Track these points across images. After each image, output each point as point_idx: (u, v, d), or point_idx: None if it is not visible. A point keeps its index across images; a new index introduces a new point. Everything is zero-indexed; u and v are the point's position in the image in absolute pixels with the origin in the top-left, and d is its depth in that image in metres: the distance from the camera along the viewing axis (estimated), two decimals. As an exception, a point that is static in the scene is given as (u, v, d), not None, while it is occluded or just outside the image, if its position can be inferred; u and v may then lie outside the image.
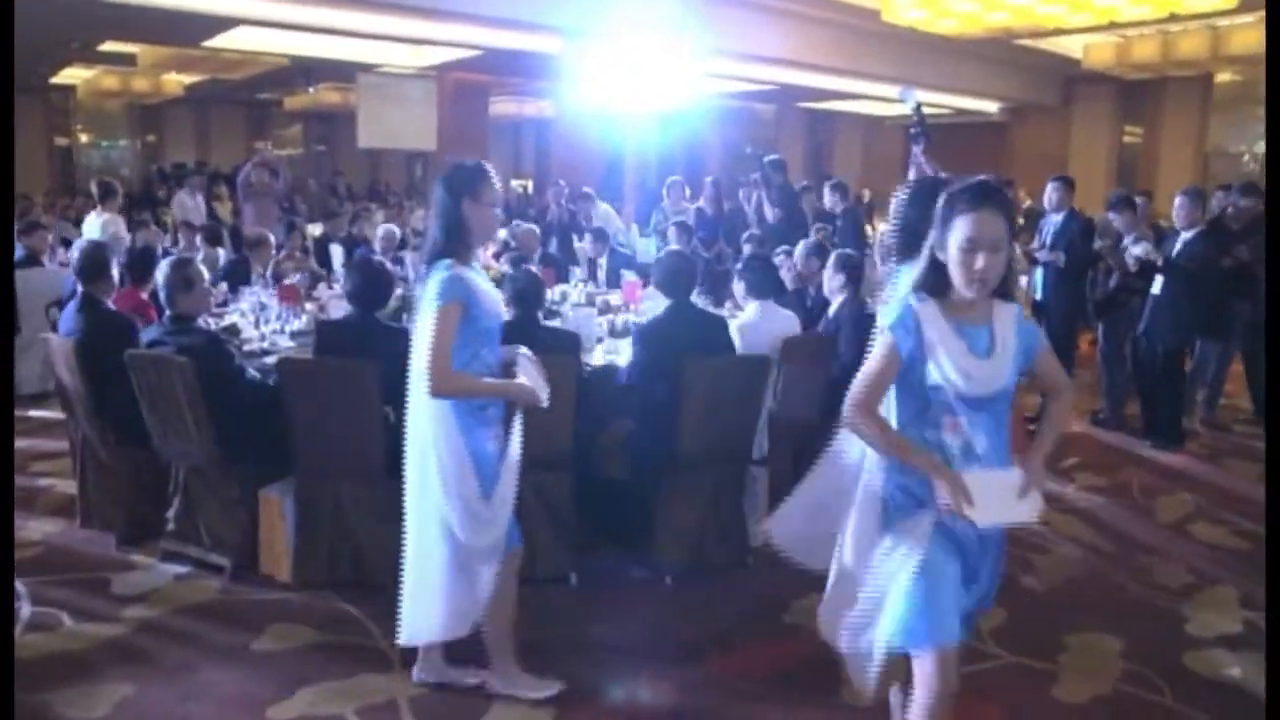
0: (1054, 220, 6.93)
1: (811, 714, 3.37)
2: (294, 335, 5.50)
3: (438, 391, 2.93)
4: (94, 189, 9.37)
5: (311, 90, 20.15)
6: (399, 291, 5.67)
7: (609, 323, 5.86)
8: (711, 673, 3.62)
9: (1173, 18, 12.68)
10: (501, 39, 12.50)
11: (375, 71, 16.84)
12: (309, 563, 4.21)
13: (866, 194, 20.52)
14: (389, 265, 6.22)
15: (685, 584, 4.30)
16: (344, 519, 4.18)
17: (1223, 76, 18.42)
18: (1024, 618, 4.06)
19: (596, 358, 5.06)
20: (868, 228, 13.75)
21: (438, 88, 17.07)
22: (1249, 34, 13.84)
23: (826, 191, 8.68)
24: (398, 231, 8.56)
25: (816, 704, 3.40)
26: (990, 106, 19.73)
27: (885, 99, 17.88)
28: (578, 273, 7.73)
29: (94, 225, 8.83)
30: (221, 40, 13.37)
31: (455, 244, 3.04)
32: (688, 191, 10.13)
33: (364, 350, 4.08)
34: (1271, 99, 2.94)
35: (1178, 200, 6.65)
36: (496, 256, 7.91)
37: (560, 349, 4.38)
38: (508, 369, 3.20)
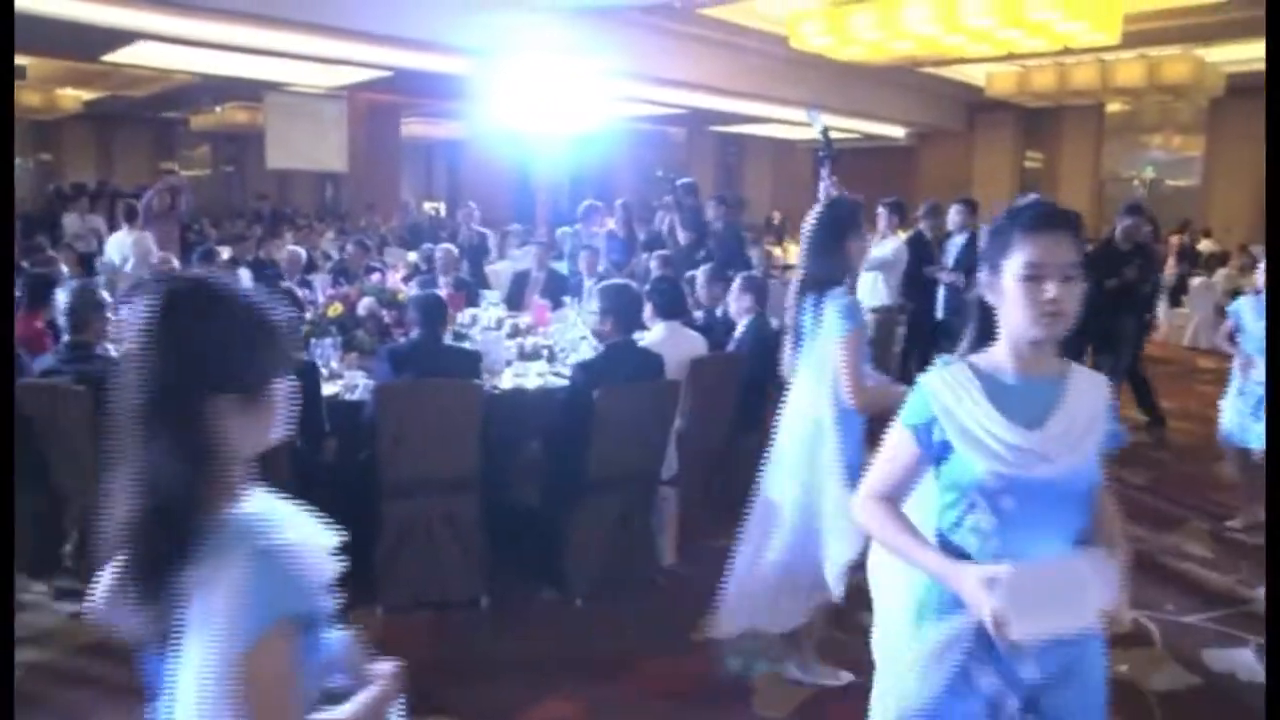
0: (957, 242, 7.15)
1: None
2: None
3: (863, 408, 3.24)
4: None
5: (219, 109, 19.77)
6: (308, 316, 5.60)
7: (519, 345, 5.86)
8: (622, 691, 3.64)
9: (1066, 51, 13.22)
10: (412, 59, 12.44)
11: (284, 90, 16.61)
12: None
13: (777, 216, 20.85)
14: (296, 290, 6.16)
15: (596, 604, 4.32)
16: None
17: (1113, 107, 19.24)
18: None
19: (505, 381, 5.06)
20: (778, 249, 13.99)
21: (349, 108, 16.92)
22: (1133, 68, 14.56)
23: (710, 204, 8.74)
24: (304, 253, 8.42)
25: (727, 719, 3.45)
26: (897, 131, 20.23)
27: (795, 123, 18.23)
28: (489, 296, 7.69)
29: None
30: (122, 55, 13.02)
31: (843, 273, 3.38)
32: (608, 222, 10.16)
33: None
34: (1271, 101, 3.05)
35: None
36: (406, 280, 7.85)
37: (462, 367, 4.39)
38: None
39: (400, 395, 4.15)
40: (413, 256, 9.98)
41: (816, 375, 3.35)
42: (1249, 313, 5.22)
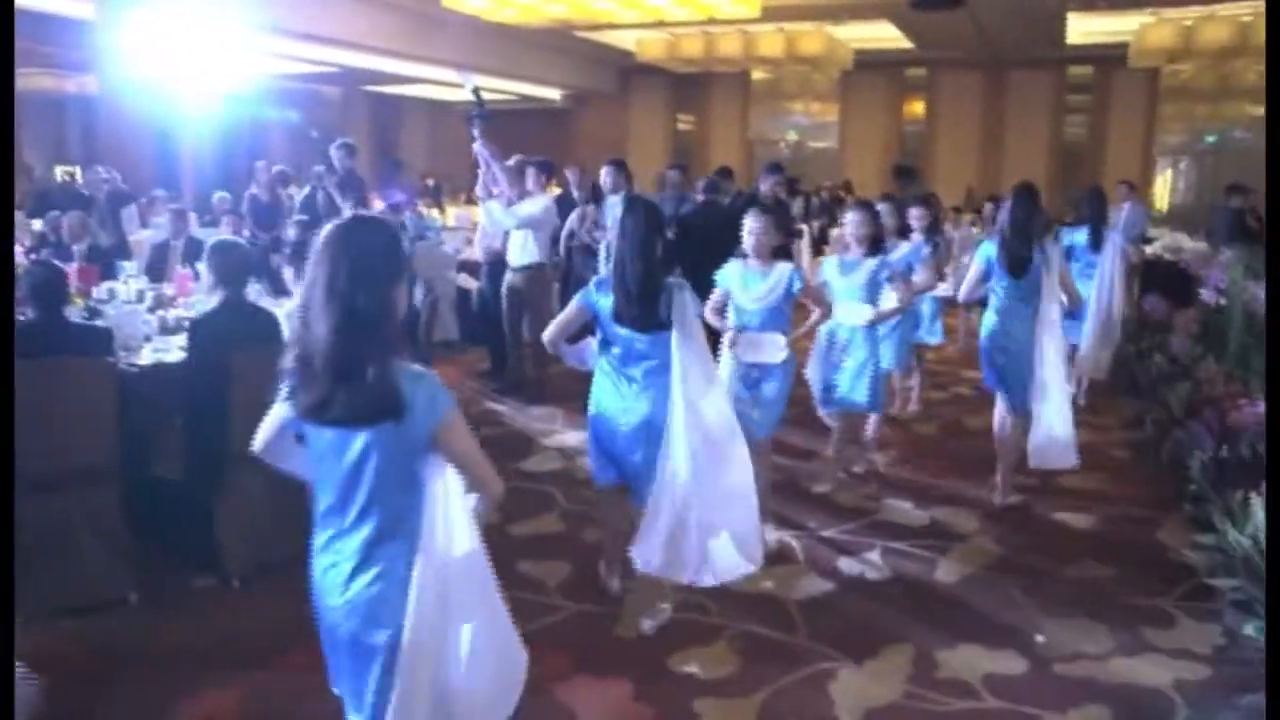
0: (612, 201, 7.39)
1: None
2: None
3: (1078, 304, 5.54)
4: None
5: None
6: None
7: (160, 319, 5.47)
8: (282, 672, 3.51)
9: (712, 21, 13.98)
10: (21, -3, 11.08)
11: None
12: None
13: (431, 180, 20.61)
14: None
15: (253, 584, 4.16)
16: None
17: (758, 74, 20.60)
18: (587, 569, 4.32)
19: (144, 357, 4.72)
20: (434, 212, 13.86)
21: (-57, 55, 14.84)
22: (773, 40, 15.67)
23: (335, 153, 8.47)
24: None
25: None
26: (554, 94, 20.54)
27: (452, 84, 18.07)
28: (128, 267, 7.08)
29: None
30: None
31: (1050, 226, 5.45)
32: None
33: None
34: (1271, 99, 3.25)
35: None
36: (31, 252, 7.09)
37: (89, 346, 4.05)
38: None
39: (18, 382, 3.75)
40: (38, 225, 9.01)
41: (1053, 291, 4.99)
42: (735, 281, 4.56)
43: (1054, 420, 4.99)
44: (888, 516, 5.15)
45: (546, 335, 3.86)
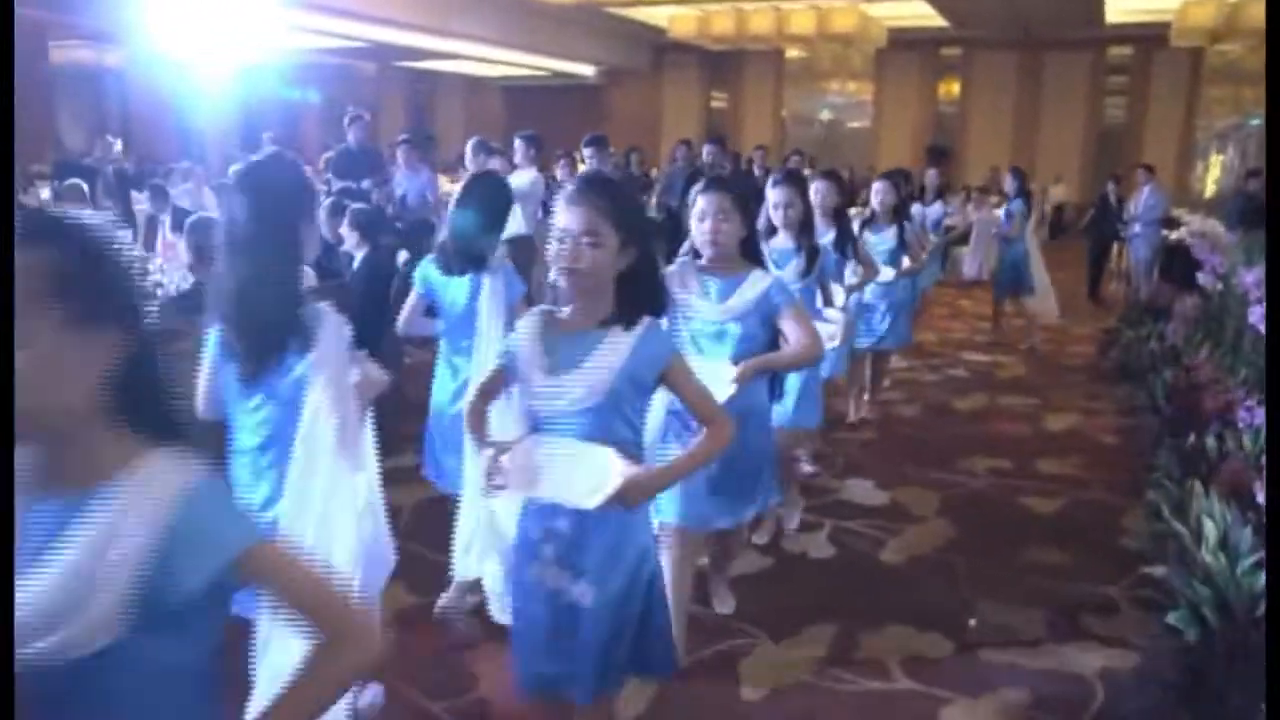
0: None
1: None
2: None
3: None
4: None
5: None
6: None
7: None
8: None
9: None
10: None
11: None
12: None
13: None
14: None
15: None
16: None
17: (792, 53, 20.38)
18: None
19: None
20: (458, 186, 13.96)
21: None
22: (805, 17, 15.49)
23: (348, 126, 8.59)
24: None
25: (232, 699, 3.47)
26: (587, 70, 20.50)
27: (487, 60, 18.11)
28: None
29: None
30: None
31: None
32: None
33: None
34: (1272, 92, 3.19)
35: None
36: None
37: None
38: None
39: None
40: (45, 194, 9.19)
41: (1034, 231, 9.03)
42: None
43: (1042, 290, 8.73)
44: (846, 496, 5.09)
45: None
